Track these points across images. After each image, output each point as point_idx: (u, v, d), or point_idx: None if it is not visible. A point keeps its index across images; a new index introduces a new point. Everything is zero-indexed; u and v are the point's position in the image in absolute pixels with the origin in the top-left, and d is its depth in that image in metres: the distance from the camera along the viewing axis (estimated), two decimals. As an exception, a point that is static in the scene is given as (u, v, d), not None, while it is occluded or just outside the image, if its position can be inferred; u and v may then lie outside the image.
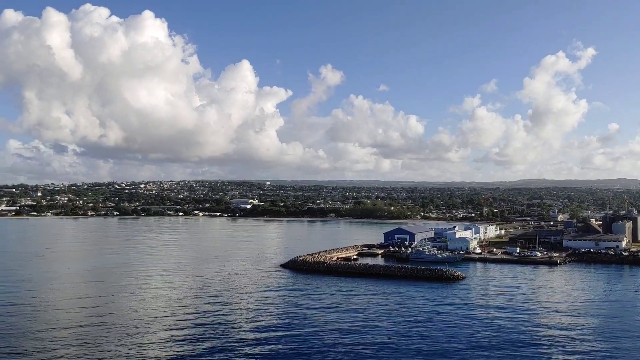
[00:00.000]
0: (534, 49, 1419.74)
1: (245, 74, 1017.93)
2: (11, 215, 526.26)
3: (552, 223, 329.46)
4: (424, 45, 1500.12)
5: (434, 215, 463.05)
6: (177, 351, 79.03)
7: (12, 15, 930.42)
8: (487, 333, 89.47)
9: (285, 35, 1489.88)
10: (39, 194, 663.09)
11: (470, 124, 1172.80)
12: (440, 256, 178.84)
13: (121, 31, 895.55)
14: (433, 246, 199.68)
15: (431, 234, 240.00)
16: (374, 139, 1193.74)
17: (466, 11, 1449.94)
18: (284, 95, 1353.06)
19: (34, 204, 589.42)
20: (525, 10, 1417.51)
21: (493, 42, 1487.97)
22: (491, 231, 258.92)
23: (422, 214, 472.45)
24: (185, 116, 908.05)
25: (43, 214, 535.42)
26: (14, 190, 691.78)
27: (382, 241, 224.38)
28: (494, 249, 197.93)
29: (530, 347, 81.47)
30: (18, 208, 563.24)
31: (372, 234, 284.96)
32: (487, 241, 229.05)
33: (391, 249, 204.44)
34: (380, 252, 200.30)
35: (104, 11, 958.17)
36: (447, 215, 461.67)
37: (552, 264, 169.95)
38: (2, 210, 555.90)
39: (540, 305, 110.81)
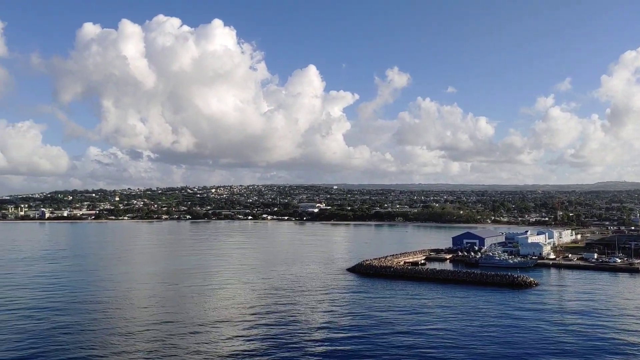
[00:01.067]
0: (611, 45, 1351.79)
1: (311, 78, 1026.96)
2: (91, 219, 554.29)
3: (633, 228, 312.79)
4: (492, 46, 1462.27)
5: (505, 220, 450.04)
6: (247, 349, 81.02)
7: (90, 29, 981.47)
8: (564, 339, 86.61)
9: (351, 40, 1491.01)
10: (117, 199, 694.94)
11: (543, 125, 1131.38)
12: (511, 261, 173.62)
13: (192, 40, 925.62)
14: (504, 251, 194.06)
15: (502, 239, 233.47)
16: (442, 142, 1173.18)
17: (536, 6, 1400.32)
18: (351, 99, 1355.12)
19: (112, 208, 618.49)
20: (601, 3, 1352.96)
21: (567, 38, 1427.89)
22: (566, 236, 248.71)
23: (493, 218, 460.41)
24: (254, 122, 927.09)
25: (120, 218, 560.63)
26: (93, 195, 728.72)
27: (451, 246, 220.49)
28: (569, 255, 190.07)
29: (613, 354, 77.99)
30: (97, 212, 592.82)
31: (440, 238, 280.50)
32: (561, 246, 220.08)
33: (460, 253, 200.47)
34: (448, 256, 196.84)
35: (175, 21, 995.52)
36: (519, 219, 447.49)
37: (633, 271, 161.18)
38: (82, 214, 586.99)
39: (621, 312, 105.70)
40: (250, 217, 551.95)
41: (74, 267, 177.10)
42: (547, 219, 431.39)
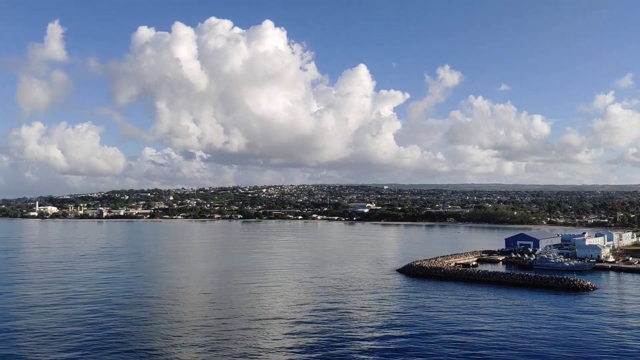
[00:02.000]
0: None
1: (362, 78, 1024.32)
2: (146, 218, 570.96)
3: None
4: (548, 42, 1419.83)
5: (561, 221, 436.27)
6: (299, 344, 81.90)
7: (145, 32, 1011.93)
8: (626, 342, 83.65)
9: (401, 38, 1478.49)
10: (171, 198, 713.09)
11: (602, 123, 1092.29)
12: (567, 264, 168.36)
13: (243, 41, 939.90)
14: (559, 253, 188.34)
15: (557, 241, 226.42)
16: (495, 141, 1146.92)
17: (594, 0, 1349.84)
18: (401, 98, 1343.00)
19: (166, 207, 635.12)
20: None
21: (627, 32, 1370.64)
22: (627, 238, 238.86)
23: (548, 219, 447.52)
24: (304, 122, 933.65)
25: (174, 217, 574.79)
26: (149, 194, 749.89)
27: (504, 247, 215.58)
28: (630, 258, 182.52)
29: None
30: (152, 211, 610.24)
31: (493, 239, 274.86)
32: (622, 249, 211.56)
33: (513, 255, 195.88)
34: (501, 258, 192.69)
35: (227, 23, 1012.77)
36: (577, 220, 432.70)
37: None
38: (138, 213, 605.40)
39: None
40: (300, 217, 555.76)
41: (130, 264, 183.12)
42: (606, 220, 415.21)
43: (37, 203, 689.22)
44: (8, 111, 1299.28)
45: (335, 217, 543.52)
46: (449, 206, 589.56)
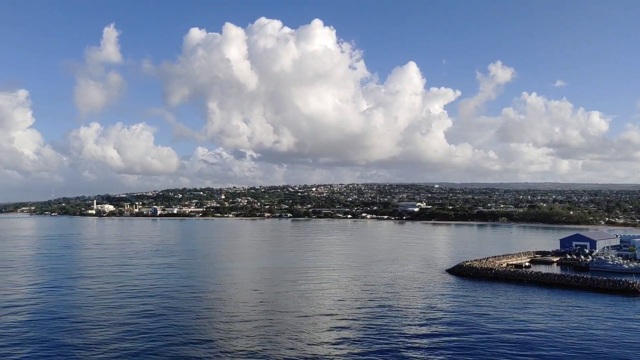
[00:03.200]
0: None
1: (411, 75, 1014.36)
2: (198, 216, 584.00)
3: None
4: (606, 34, 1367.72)
5: (621, 221, 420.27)
6: (348, 339, 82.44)
7: (196, 33, 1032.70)
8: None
9: (451, 35, 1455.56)
10: (222, 197, 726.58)
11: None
12: (626, 266, 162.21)
13: (292, 41, 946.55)
14: (618, 255, 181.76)
15: (616, 242, 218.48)
16: (549, 139, 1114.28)
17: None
18: (452, 95, 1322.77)
19: (218, 205, 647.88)
20: None
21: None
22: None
23: (607, 219, 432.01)
24: (353, 120, 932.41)
25: (225, 215, 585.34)
26: (201, 193, 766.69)
27: (558, 248, 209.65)
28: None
29: None
30: (205, 209, 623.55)
31: (547, 240, 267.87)
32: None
33: (568, 256, 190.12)
34: (555, 259, 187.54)
35: (276, 23, 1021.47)
36: (637, 221, 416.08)
37: None
38: (191, 211, 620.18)
39: None
40: (349, 216, 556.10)
41: (184, 261, 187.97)
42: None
43: (94, 201, 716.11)
44: (67, 112, 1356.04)
45: (385, 216, 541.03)
46: (502, 205, 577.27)
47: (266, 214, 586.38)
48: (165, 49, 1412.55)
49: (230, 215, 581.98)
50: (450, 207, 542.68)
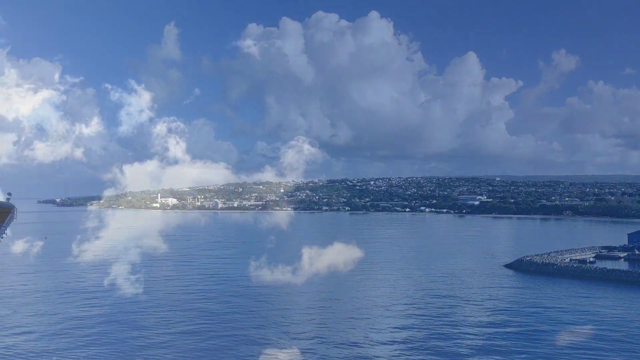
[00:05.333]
0: None
1: (470, 66, 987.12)
2: (258, 209, 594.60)
3: None
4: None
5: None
6: (403, 336, 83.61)
7: (254, 29, 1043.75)
8: None
9: (512, 24, 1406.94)
10: (282, 190, 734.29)
11: None
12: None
13: (349, 34, 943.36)
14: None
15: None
16: (618, 129, 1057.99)
17: None
18: (514, 86, 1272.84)
19: (277, 199, 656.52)
20: None
21: None
22: None
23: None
24: (410, 113, 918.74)
25: (284, 209, 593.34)
26: (260, 187, 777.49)
27: (626, 243, 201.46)
28: None
29: None
30: (264, 203, 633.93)
31: (615, 234, 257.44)
32: None
33: (636, 252, 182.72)
34: (622, 255, 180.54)
35: (333, 17, 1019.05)
36: None
37: None
38: (250, 204, 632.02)
39: None
40: (408, 210, 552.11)
41: (243, 254, 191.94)
42: None
43: (159, 195, 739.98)
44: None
45: (444, 210, 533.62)
46: (566, 198, 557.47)
47: (324, 207, 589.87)
48: (223, 45, 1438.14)
49: (289, 209, 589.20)
50: (512, 201, 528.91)
